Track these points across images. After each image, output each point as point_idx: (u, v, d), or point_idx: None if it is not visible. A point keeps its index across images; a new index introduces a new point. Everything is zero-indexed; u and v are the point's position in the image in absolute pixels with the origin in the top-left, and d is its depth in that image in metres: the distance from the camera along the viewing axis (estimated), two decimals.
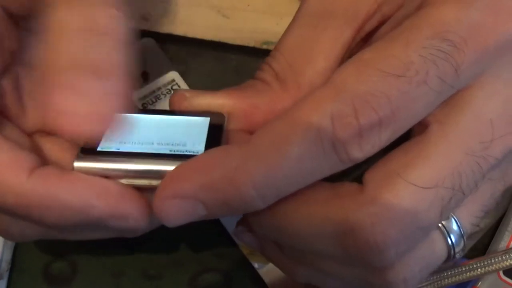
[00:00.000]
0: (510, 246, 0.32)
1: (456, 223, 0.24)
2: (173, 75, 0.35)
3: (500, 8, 0.22)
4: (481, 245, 0.33)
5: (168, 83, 0.35)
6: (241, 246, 0.33)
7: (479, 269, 0.29)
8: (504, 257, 0.29)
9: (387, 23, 0.26)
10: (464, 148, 0.22)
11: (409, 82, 0.21)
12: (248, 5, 0.36)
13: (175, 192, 0.22)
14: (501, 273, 0.31)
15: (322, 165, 0.22)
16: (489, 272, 0.29)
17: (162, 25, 0.36)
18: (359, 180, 0.24)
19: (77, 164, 0.24)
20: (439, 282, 0.29)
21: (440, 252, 0.24)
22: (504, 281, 0.31)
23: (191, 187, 0.22)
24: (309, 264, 0.26)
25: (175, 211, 0.22)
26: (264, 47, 0.35)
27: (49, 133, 0.26)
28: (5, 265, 0.33)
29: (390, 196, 0.22)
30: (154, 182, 0.23)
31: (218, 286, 0.33)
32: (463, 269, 0.29)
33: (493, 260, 0.29)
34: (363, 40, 0.26)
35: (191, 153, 0.24)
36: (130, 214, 0.23)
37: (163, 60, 0.36)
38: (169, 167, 0.23)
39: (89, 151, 0.24)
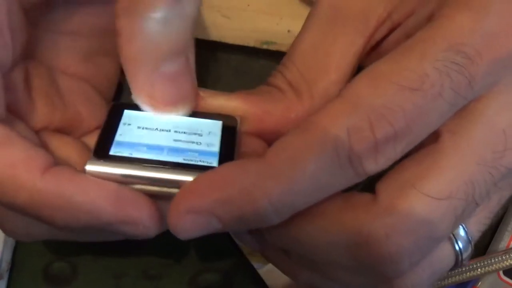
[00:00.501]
0: (510, 246, 0.32)
1: (464, 230, 0.24)
2: None
3: None
4: (481, 245, 0.33)
5: None
6: (241, 246, 0.33)
7: (479, 269, 0.29)
8: (504, 257, 0.29)
9: (396, 30, 0.26)
10: (476, 158, 0.22)
11: (424, 96, 0.21)
12: (248, 5, 0.36)
13: (191, 207, 0.22)
14: (501, 273, 0.31)
15: (338, 179, 0.22)
16: (489, 272, 0.29)
17: None
18: (368, 189, 0.24)
19: (89, 167, 0.23)
20: (439, 282, 0.29)
21: (448, 259, 0.25)
22: (504, 281, 0.31)
23: (207, 202, 0.22)
24: (316, 270, 0.26)
25: (190, 225, 0.22)
26: (264, 47, 0.35)
27: (55, 130, 0.26)
28: (5, 265, 0.33)
29: (405, 207, 0.22)
30: (165, 189, 0.23)
31: (218, 286, 0.33)
32: (463, 269, 0.29)
33: (493, 260, 0.29)
34: (373, 48, 0.26)
35: (205, 164, 0.24)
36: (140, 220, 0.23)
37: None
38: (182, 176, 0.23)
39: (102, 155, 0.24)
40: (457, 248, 0.24)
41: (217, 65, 0.37)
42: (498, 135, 0.22)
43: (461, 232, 0.24)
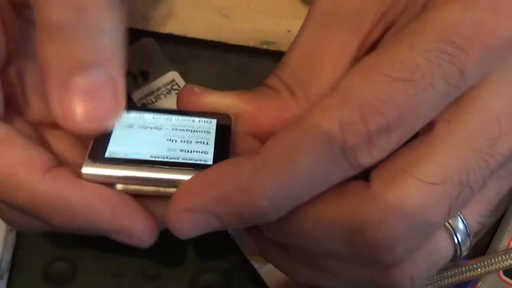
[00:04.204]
0: (510, 246, 0.32)
1: (463, 221, 0.24)
2: (173, 75, 0.35)
3: (502, 8, 0.22)
4: (481, 245, 0.33)
5: (168, 83, 0.35)
6: (241, 246, 0.33)
7: (479, 269, 0.29)
8: (504, 257, 0.29)
9: (391, 30, 0.26)
10: (471, 145, 0.22)
11: (416, 86, 0.21)
12: (248, 5, 0.36)
13: (188, 206, 0.22)
14: (501, 273, 0.31)
15: (333, 173, 0.22)
16: (489, 272, 0.29)
17: (162, 25, 0.36)
18: (365, 179, 0.23)
19: (85, 171, 0.23)
20: (439, 282, 0.29)
21: (446, 250, 0.24)
22: (504, 281, 0.31)
23: (204, 200, 0.22)
24: (314, 265, 0.26)
25: (188, 224, 0.22)
26: (264, 47, 0.35)
27: (51, 125, 0.26)
28: (5, 265, 0.33)
29: (397, 192, 0.22)
30: (162, 189, 0.23)
31: (218, 286, 0.33)
32: (463, 269, 0.29)
33: (493, 260, 0.29)
34: (369, 50, 0.26)
35: (200, 161, 0.24)
36: (134, 232, 0.23)
37: (163, 60, 0.36)
38: (178, 176, 0.23)
39: (97, 157, 0.24)
40: (455, 240, 0.24)
41: (217, 65, 0.37)
42: (492, 122, 0.22)
43: (460, 224, 0.24)
